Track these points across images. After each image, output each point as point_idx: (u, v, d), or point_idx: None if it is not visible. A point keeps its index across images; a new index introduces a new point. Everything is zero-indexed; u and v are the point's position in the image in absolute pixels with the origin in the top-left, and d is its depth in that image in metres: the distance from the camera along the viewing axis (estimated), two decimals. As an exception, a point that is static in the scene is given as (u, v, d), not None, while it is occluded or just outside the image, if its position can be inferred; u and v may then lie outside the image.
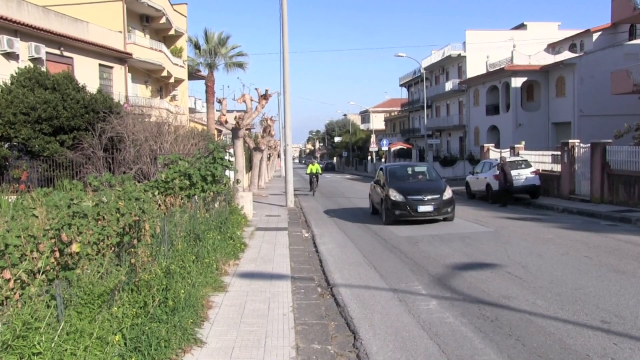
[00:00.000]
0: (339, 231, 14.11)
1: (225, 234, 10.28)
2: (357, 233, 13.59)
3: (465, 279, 8.21)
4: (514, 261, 9.32)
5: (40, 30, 21.80)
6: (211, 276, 7.68)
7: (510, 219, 15.34)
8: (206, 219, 9.74)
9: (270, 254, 10.40)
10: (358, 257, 10.39)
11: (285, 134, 21.23)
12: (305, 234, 13.72)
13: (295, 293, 7.47)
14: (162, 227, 6.94)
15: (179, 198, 10.36)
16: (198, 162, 11.66)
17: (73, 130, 15.10)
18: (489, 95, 40.95)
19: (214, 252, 8.59)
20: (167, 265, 6.27)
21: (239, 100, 19.63)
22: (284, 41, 20.20)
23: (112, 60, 27.51)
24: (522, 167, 20.63)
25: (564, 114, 33.85)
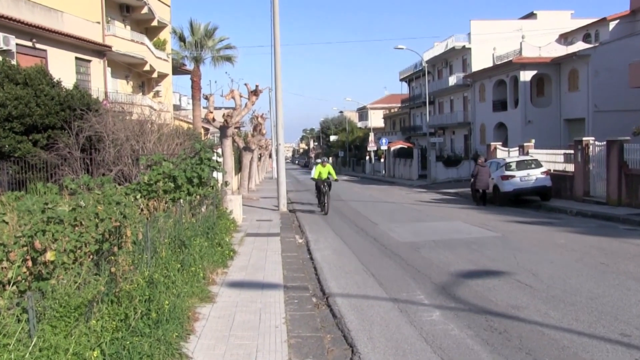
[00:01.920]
0: (335, 237, 14.11)
1: (213, 240, 10.26)
2: (355, 239, 13.59)
3: (471, 287, 8.21)
4: (524, 268, 9.34)
5: (9, 20, 21.47)
6: (198, 286, 7.66)
7: (519, 223, 15.38)
8: (192, 224, 9.71)
9: (262, 261, 10.38)
10: (356, 264, 10.39)
11: (277, 133, 21.23)
12: (299, 240, 13.70)
13: (288, 303, 7.45)
14: (145, 234, 6.91)
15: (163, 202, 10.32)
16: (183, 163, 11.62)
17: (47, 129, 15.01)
18: (496, 90, 41.09)
19: (201, 260, 8.56)
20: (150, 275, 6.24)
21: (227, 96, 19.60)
22: (275, 33, 20.20)
23: (89, 54, 27.35)
24: (532, 167, 20.70)
25: (577, 110, 33.96)
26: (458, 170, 40.46)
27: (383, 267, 9.95)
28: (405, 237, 13.50)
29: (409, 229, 14.86)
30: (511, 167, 20.91)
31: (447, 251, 11.29)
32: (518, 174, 20.45)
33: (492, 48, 42.25)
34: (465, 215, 18.03)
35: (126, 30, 32.18)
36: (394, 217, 17.80)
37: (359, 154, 73.35)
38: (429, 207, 21.24)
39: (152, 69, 33.77)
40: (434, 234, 13.81)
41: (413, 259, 10.57)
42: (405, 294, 8.04)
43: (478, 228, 14.62)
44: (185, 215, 9.89)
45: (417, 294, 7.98)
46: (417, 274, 9.28)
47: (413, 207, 21.21)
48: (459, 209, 20.39)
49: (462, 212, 19.17)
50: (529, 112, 36.83)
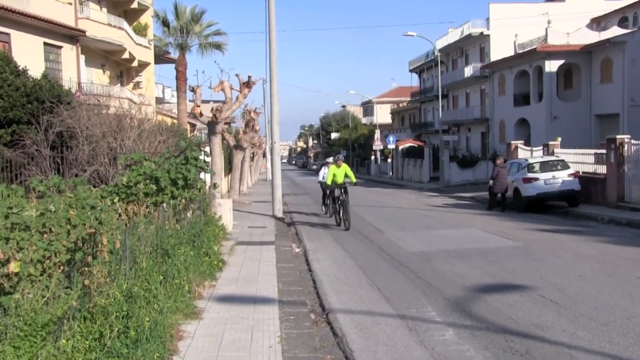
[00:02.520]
0: (336, 245, 14.09)
1: (200, 249, 10.24)
2: (358, 248, 13.57)
3: (489, 303, 8.19)
4: (549, 282, 9.32)
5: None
6: (182, 300, 7.64)
7: (543, 232, 15.37)
8: (177, 231, 9.69)
9: (254, 273, 10.37)
10: (359, 276, 10.37)
11: (272, 129, 21.22)
12: (296, 249, 13.69)
13: (284, 320, 7.43)
14: (123, 242, 6.89)
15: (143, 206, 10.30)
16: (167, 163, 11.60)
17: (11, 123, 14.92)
18: (518, 82, 41.11)
19: (186, 272, 8.54)
20: (128, 288, 6.22)
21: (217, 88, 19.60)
22: (270, 18, 20.22)
23: (60, 39, 27.21)
24: (557, 169, 20.69)
25: (610, 104, 33.90)
26: (474, 171, 40.45)
27: (390, 280, 9.93)
28: (414, 246, 13.48)
29: (418, 238, 14.84)
30: (534, 168, 20.90)
31: (462, 262, 11.27)
32: (542, 176, 20.43)
33: (513, 35, 42.25)
34: (482, 222, 18.02)
35: (102, 13, 32.19)
36: (402, 224, 17.79)
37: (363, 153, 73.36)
38: (441, 213, 21.22)
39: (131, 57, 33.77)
40: (447, 243, 13.79)
41: (423, 271, 10.55)
42: (414, 310, 8.02)
43: (496, 237, 14.60)
44: (169, 221, 9.87)
45: (428, 310, 7.96)
46: (427, 288, 9.26)
47: (423, 213, 21.19)
48: (475, 215, 20.38)
49: (479, 218, 19.16)
50: (554, 107, 36.81)
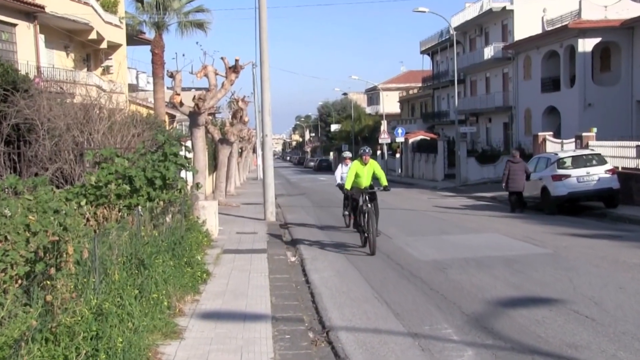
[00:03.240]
0: (338, 253, 14.08)
1: (181, 258, 10.23)
2: (363, 256, 13.55)
3: (514, 319, 8.18)
4: (583, 295, 9.31)
5: None
6: (161, 317, 7.63)
7: (576, 237, 15.36)
8: (154, 238, 9.68)
9: (243, 285, 10.35)
10: (364, 289, 10.36)
11: (263, 121, 21.20)
12: (292, 258, 13.68)
13: (278, 339, 7.41)
14: (92, 251, 6.87)
15: (115, 210, 10.28)
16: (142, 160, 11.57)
17: (-46, 114, 14.83)
18: (546, 64, 41.11)
19: (165, 285, 8.53)
20: (98, 304, 6.19)
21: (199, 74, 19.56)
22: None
23: (13, 15, 26.89)
24: (592, 164, 20.67)
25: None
26: (495, 168, 40.42)
27: (399, 293, 9.91)
28: (427, 254, 13.46)
29: (432, 244, 14.81)
30: (565, 163, 20.89)
31: (482, 272, 11.25)
32: (574, 172, 20.41)
33: (541, 9, 42.24)
34: (504, 225, 18.00)
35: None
36: (413, 229, 17.77)
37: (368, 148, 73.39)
38: (457, 216, 21.21)
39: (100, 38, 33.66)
40: (465, 250, 13.77)
41: (438, 283, 10.53)
42: (427, 327, 8.00)
43: (522, 242, 14.58)
44: (145, 226, 9.85)
45: (443, 328, 7.94)
46: (443, 302, 9.24)
47: (437, 216, 21.18)
48: (497, 217, 20.38)
49: (501, 221, 19.15)
50: (589, 93, 36.78)
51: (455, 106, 44.37)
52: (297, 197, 33.80)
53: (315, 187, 43.15)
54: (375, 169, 14.39)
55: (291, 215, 23.02)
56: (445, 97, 61.94)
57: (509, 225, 17.94)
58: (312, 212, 24.09)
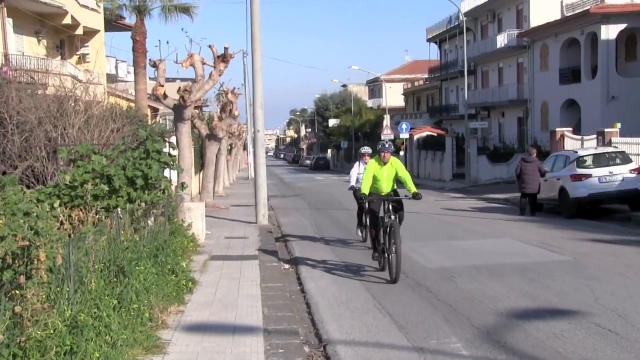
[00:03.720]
0: (336, 258, 14.10)
1: (164, 265, 10.22)
2: (364, 263, 13.54)
3: (529, 333, 8.17)
4: (606, 307, 9.31)
5: None
6: (142, 330, 7.61)
7: (598, 242, 15.37)
8: (135, 243, 9.65)
9: (233, 295, 10.35)
10: (365, 298, 10.35)
11: (255, 115, 21.18)
12: (285, 265, 13.67)
13: (271, 354, 7.40)
14: (66, 257, 6.85)
15: (92, 212, 10.25)
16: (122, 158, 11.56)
17: None
18: (565, 53, 41.12)
19: (147, 294, 8.52)
20: (72, 315, 6.17)
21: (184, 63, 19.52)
22: (252, -27, 20.17)
23: (-25, -5, 26.85)
24: (616, 163, 20.67)
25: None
26: (508, 167, 40.44)
27: (403, 303, 9.90)
28: (434, 260, 13.46)
29: (439, 250, 14.82)
30: (586, 162, 20.90)
31: (494, 281, 11.25)
32: (596, 172, 20.43)
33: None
34: (518, 230, 18.01)
35: (34, -37, 31.97)
36: (419, 233, 17.77)
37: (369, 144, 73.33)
38: (467, 219, 21.22)
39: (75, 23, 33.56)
40: (475, 256, 13.77)
41: (445, 292, 10.52)
42: (434, 341, 8.00)
43: (538, 249, 14.59)
44: (125, 230, 9.83)
45: (451, 342, 7.93)
46: (451, 313, 9.23)
47: (445, 219, 21.18)
48: (510, 221, 20.40)
49: (515, 225, 19.16)
50: (613, 85, 36.77)
51: (464, 99, 44.42)
52: (291, 198, 33.80)
53: (311, 187, 43.16)
54: (399, 170, 12.22)
55: (285, 219, 23.01)
56: (454, 89, 61.99)
57: (524, 230, 17.94)
58: (308, 215, 24.09)
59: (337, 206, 27.51)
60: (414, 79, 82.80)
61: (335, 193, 35.51)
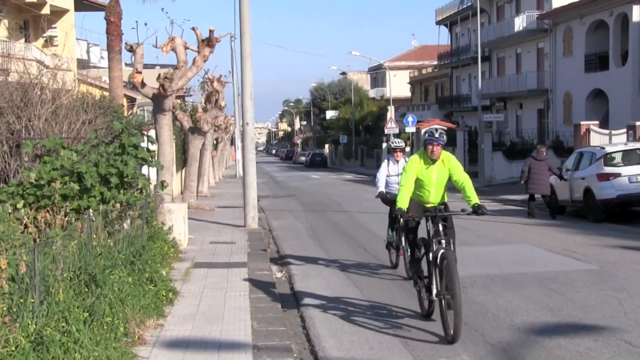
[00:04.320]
0: (334, 267, 14.11)
1: (142, 274, 10.20)
2: (365, 271, 13.53)
3: (550, 351, 8.16)
4: (636, 322, 9.31)
5: None
6: (116, 347, 7.57)
7: (628, 249, 15.37)
8: (109, 248, 9.64)
9: (218, 307, 10.34)
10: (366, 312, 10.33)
11: (244, 106, 21.15)
12: (278, 274, 13.70)
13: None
14: (31, 264, 6.81)
15: (61, 214, 10.23)
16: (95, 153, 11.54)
17: None
18: (591, 37, 41.06)
19: (122, 306, 8.49)
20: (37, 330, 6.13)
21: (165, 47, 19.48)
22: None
23: None
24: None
25: None
26: (527, 164, 40.59)
27: (409, 318, 9.89)
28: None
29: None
30: (614, 160, 20.90)
31: (510, 292, 11.23)
32: (625, 171, 20.46)
33: (585, -30, 42.21)
34: (538, 235, 18.00)
35: None
36: (427, 239, 17.77)
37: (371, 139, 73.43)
38: (480, 223, 21.11)
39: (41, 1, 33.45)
40: (489, 264, 13.77)
41: (457, 305, 10.51)
42: (444, 359, 8.00)
43: (560, 256, 14.58)
44: (98, 234, 9.81)
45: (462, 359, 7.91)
46: (463, 328, 9.21)
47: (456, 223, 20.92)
48: (529, 225, 20.40)
49: (534, 230, 19.15)
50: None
51: (478, 89, 44.49)
52: (284, 199, 33.77)
53: (306, 187, 43.15)
54: (454, 171, 9.56)
55: (278, 222, 23.00)
56: (466, 77, 62.01)
57: (545, 236, 17.93)
58: (302, 218, 24.08)
59: (335, 208, 27.51)
60: (421, 66, 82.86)
61: (333, 193, 35.51)
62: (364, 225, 21.41)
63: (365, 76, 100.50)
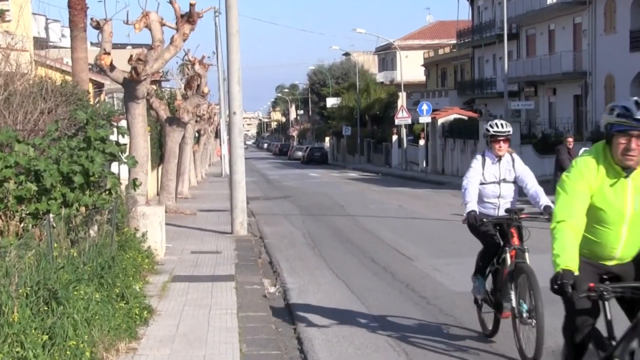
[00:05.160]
0: (336, 281, 14.14)
1: (111, 289, 10.18)
2: (371, 285, 13.55)
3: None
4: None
5: None
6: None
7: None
8: (72, 260, 9.60)
9: (201, 327, 10.33)
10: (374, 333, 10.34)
11: (231, 92, 21.13)
12: (270, 288, 13.67)
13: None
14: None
15: (15, 219, 10.20)
16: (55, 148, 11.50)
17: None
18: (638, 11, 41.00)
19: (88, 327, 8.46)
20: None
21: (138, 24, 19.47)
22: None
23: None
24: None
25: None
26: (561, 160, 40.61)
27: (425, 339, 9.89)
28: (463, 283, 13.34)
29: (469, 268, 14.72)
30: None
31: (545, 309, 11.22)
32: None
33: None
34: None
35: None
36: (444, 247, 17.78)
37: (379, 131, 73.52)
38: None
39: (-12, -32, 33.42)
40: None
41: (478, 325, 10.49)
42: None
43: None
44: (59, 243, 9.78)
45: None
46: (489, 354, 9.21)
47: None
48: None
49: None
50: None
51: (504, 72, 44.49)
52: (278, 201, 33.78)
53: (304, 187, 43.13)
54: None
55: (270, 228, 22.98)
56: (490, 58, 62.04)
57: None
58: (299, 223, 24.04)
59: (338, 211, 27.48)
60: (437, 45, 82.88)
61: (334, 194, 35.46)
62: (372, 231, 21.38)
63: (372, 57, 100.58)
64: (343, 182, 47.11)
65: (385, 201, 30.28)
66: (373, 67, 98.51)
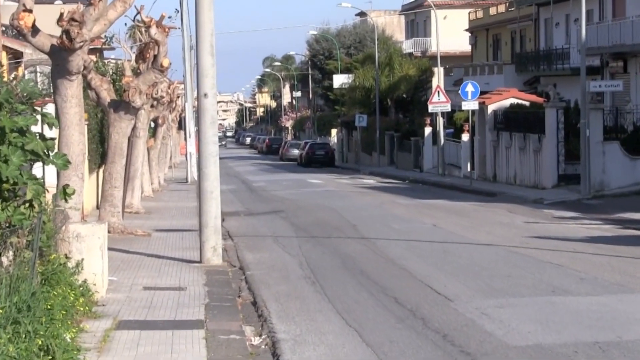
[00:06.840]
0: (345, 329, 14.16)
1: (32, 340, 10.17)
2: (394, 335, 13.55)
3: None
4: None
5: None
6: None
7: None
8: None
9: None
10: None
11: (201, 67, 21.18)
12: (254, 339, 13.66)
13: None
14: None
15: None
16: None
17: None
18: None
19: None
20: None
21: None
22: None
23: None
24: None
25: None
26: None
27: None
28: (522, 332, 13.45)
29: (531, 313, 14.82)
30: None
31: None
32: None
33: None
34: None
35: None
36: (495, 283, 17.82)
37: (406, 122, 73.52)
38: (583, 258, 21.21)
39: None
40: (599, 326, 13.80)
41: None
42: None
43: None
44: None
45: None
46: None
47: (543, 258, 21.10)
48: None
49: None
50: None
51: (581, 40, 44.46)
52: (265, 217, 33.79)
53: (301, 198, 43.21)
54: None
55: (255, 255, 22.98)
56: (562, 21, 62.14)
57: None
58: (294, 248, 24.06)
59: (348, 233, 27.50)
60: (487, 4, 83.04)
61: (344, 209, 35.47)
62: (395, 260, 21.39)
63: (396, 19, 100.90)
64: (356, 192, 47.18)
65: (415, 219, 30.33)
66: (398, 33, 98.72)
